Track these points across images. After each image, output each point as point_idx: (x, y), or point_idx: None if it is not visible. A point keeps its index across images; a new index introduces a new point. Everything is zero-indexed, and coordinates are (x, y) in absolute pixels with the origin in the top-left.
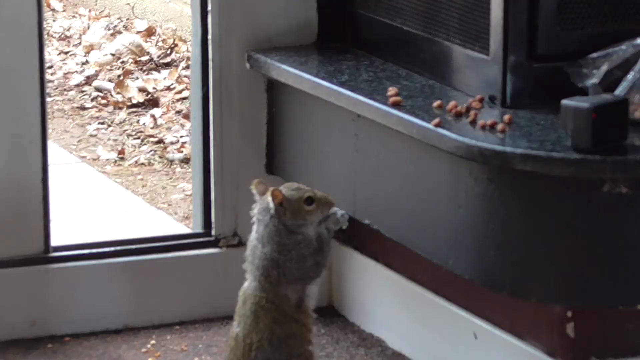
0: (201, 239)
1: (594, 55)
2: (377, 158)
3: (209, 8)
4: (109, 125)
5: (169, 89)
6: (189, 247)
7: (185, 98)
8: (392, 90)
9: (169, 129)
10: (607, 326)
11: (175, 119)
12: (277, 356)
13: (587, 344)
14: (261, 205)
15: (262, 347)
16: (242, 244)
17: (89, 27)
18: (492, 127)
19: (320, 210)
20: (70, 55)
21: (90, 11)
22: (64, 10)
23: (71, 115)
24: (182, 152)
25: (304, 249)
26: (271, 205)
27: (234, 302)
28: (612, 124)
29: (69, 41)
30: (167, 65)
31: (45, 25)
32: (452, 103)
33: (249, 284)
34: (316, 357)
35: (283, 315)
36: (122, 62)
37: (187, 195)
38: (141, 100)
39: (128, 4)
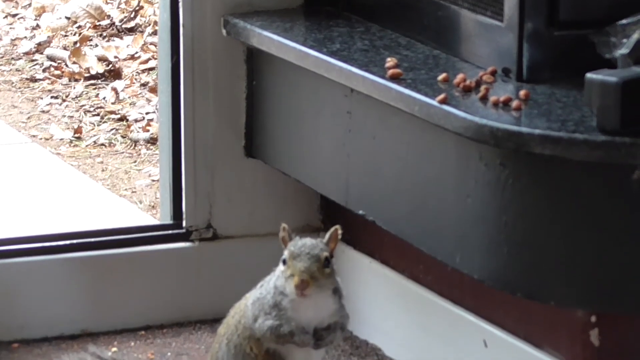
0: (170, 232)
1: (624, 22)
2: (373, 139)
3: None
4: (64, 100)
5: (132, 58)
6: (156, 240)
7: (151, 69)
8: (390, 61)
9: (132, 104)
10: (636, 334)
11: (140, 93)
12: None
13: (613, 353)
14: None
15: (222, 344)
16: (217, 237)
17: None
18: (506, 104)
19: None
20: (19, 18)
21: None
22: None
23: (20, 88)
24: (148, 131)
25: (264, 306)
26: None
27: (207, 303)
28: None
29: (17, 2)
30: (131, 30)
31: None
32: (459, 76)
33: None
34: None
35: (244, 331)
36: (79, 27)
37: (153, 181)
38: (101, 71)
39: None
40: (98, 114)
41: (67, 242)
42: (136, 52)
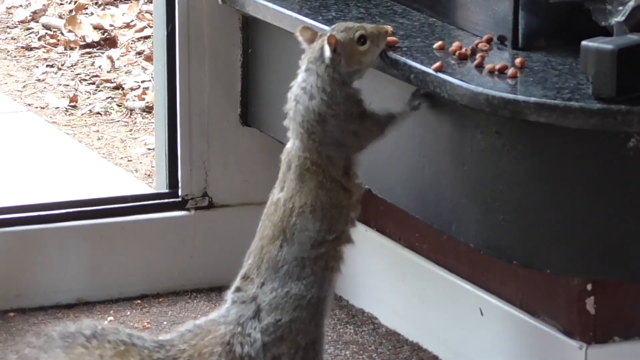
0: (166, 200)
1: None
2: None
3: None
4: (59, 69)
5: (128, 26)
6: (152, 209)
7: (147, 37)
8: None
9: (128, 72)
10: (631, 301)
11: (135, 62)
12: (317, 227)
13: (609, 321)
14: (312, 54)
15: (304, 214)
16: (212, 205)
17: None
18: (502, 72)
19: (375, 46)
20: None
21: None
22: None
23: (15, 56)
24: (143, 99)
25: (352, 106)
26: (327, 54)
27: (203, 272)
28: None
29: None
30: None
31: None
32: (455, 44)
33: (292, 144)
34: (350, 242)
35: (330, 180)
36: None
37: (149, 149)
38: (96, 39)
39: None
40: (93, 83)
41: (63, 211)
42: (132, 21)
